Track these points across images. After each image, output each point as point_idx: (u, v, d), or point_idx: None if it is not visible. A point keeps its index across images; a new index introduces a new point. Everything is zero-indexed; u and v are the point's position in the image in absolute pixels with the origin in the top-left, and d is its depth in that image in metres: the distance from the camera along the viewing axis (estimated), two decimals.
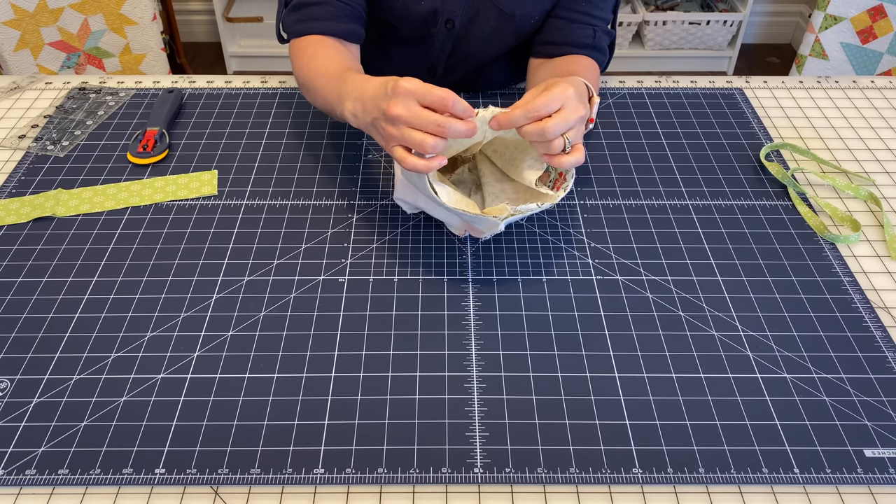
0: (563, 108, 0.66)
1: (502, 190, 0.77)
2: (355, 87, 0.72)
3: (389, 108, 0.65)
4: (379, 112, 0.67)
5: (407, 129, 0.64)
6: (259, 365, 0.67)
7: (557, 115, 0.66)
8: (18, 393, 0.64)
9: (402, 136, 0.65)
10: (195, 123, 0.97)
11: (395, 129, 0.65)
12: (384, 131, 0.67)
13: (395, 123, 0.65)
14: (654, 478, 0.58)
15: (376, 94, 0.68)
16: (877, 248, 0.80)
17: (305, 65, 0.85)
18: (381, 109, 0.66)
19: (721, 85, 1.05)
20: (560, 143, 0.67)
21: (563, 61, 0.92)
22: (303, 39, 0.88)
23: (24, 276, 0.75)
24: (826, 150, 0.94)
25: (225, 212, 0.83)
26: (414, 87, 0.64)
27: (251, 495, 0.58)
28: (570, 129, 0.67)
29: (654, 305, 0.72)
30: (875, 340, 0.69)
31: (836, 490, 0.59)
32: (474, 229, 0.75)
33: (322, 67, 0.83)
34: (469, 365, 0.67)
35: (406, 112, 0.64)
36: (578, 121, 0.67)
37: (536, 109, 0.65)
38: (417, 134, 0.64)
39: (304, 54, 0.86)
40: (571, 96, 0.67)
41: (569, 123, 0.66)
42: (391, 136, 0.66)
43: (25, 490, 0.58)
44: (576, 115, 0.67)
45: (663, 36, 2.49)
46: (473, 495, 0.58)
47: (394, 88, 0.65)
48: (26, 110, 0.99)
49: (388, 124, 0.66)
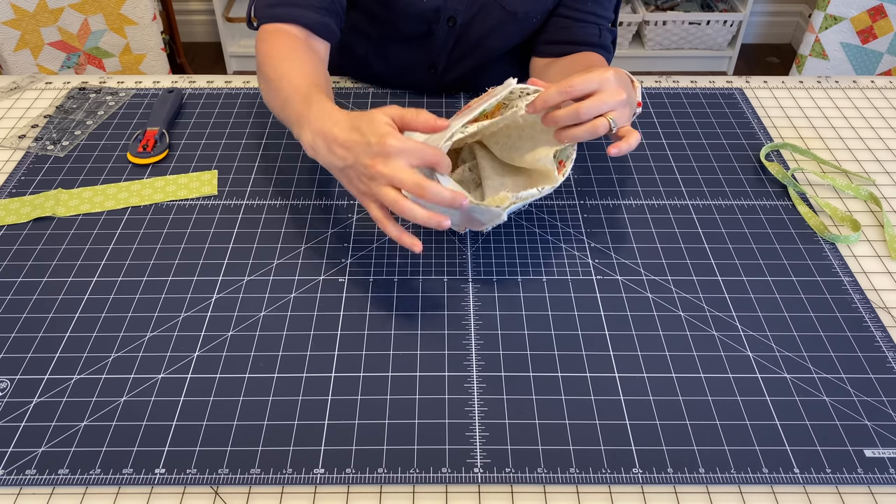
0: (599, 91, 0.65)
1: (502, 184, 0.77)
2: (318, 118, 0.67)
3: (373, 167, 0.61)
4: (355, 165, 0.63)
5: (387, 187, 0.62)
6: (259, 365, 0.67)
7: (594, 97, 0.65)
8: (18, 393, 0.64)
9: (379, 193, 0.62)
10: (195, 123, 0.97)
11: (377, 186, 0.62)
12: (359, 185, 0.64)
13: (375, 180, 0.62)
14: (654, 478, 0.58)
15: (351, 140, 0.63)
16: (877, 248, 0.80)
17: (272, 65, 0.78)
18: (360, 164, 0.63)
19: (721, 85, 1.05)
20: (603, 123, 0.66)
21: (574, 59, 0.91)
22: (275, 31, 0.82)
23: (24, 276, 0.75)
24: (826, 150, 0.94)
25: (225, 212, 0.83)
26: (401, 146, 0.61)
27: (251, 495, 0.58)
28: (611, 110, 0.66)
29: (654, 305, 0.72)
30: (875, 340, 0.69)
31: (836, 490, 0.59)
32: (475, 222, 0.74)
33: (291, 71, 0.76)
34: (469, 365, 0.67)
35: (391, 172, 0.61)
36: (618, 103, 0.67)
37: (572, 86, 0.64)
38: (392, 193, 0.62)
39: (274, 49, 0.79)
40: (610, 79, 0.66)
41: (606, 105, 0.65)
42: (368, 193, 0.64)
43: (25, 490, 0.58)
44: (614, 98, 0.66)
45: (663, 36, 2.49)
46: (473, 495, 0.58)
47: (380, 146, 0.61)
48: (26, 110, 0.99)
49: (367, 179, 0.63)
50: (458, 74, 1.03)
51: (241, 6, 2.49)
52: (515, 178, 0.77)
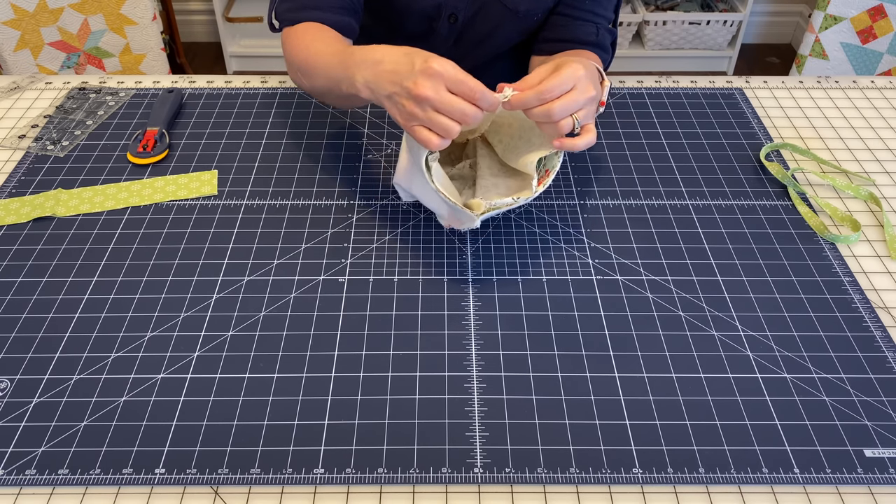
0: (572, 89, 0.65)
1: (494, 185, 0.77)
2: (367, 57, 0.69)
3: (417, 88, 0.63)
4: (401, 88, 0.64)
5: (433, 112, 0.63)
6: (259, 365, 0.67)
7: (565, 96, 0.65)
8: (18, 393, 0.64)
9: (426, 118, 0.63)
10: (195, 123, 0.97)
11: (420, 110, 0.63)
12: (405, 108, 0.65)
13: (421, 104, 0.63)
14: (654, 478, 0.58)
15: (398, 66, 0.65)
16: (877, 248, 0.80)
17: (304, 47, 0.81)
18: (406, 87, 0.64)
19: (721, 85, 1.05)
20: (568, 123, 0.66)
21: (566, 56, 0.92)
22: (298, 27, 0.85)
23: (24, 276, 0.75)
24: (826, 150, 0.94)
25: (225, 212, 0.83)
26: (444, 69, 0.62)
27: (251, 495, 0.58)
28: (580, 109, 0.66)
29: (654, 305, 0.72)
30: (875, 340, 0.69)
31: (836, 490, 0.59)
32: (456, 220, 0.74)
33: (323, 47, 0.79)
34: (469, 365, 0.67)
35: (435, 95, 0.62)
36: (588, 101, 0.67)
37: (549, 90, 0.65)
38: (443, 119, 0.63)
39: (302, 38, 0.83)
40: (582, 77, 0.66)
41: (577, 104, 0.66)
42: (413, 116, 0.64)
43: (25, 490, 0.58)
44: (584, 96, 0.66)
45: (663, 36, 2.49)
46: (473, 495, 0.58)
47: (424, 67, 0.63)
48: (26, 110, 0.99)
49: (412, 103, 0.64)
50: None
51: (241, 6, 2.49)
52: (508, 181, 0.77)
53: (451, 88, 0.63)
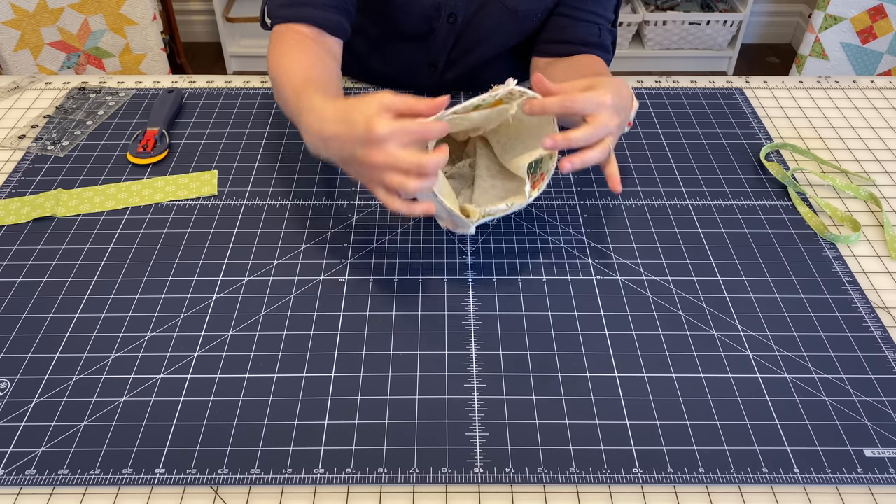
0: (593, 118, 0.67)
1: (492, 186, 0.77)
2: (309, 118, 0.69)
3: (368, 157, 0.62)
4: (351, 157, 0.65)
5: (391, 172, 0.62)
6: (259, 365, 0.67)
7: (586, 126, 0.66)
8: (18, 393, 0.64)
9: (384, 181, 0.63)
10: (195, 123, 0.97)
11: (377, 174, 0.63)
12: (361, 173, 0.66)
13: (374, 170, 0.63)
14: (654, 478, 0.58)
15: (340, 132, 0.64)
16: (877, 248, 0.80)
17: (275, 63, 0.80)
18: (356, 157, 0.64)
19: (721, 85, 1.05)
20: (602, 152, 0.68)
21: (577, 61, 0.91)
22: (285, 31, 0.84)
23: (24, 276, 0.75)
24: (826, 150, 0.94)
25: (225, 212, 0.83)
26: (390, 130, 0.61)
27: (251, 495, 0.58)
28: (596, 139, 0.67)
29: (654, 305, 0.72)
30: (875, 340, 0.69)
31: (836, 490, 0.59)
32: (452, 224, 0.74)
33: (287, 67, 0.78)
34: (469, 365, 0.67)
35: (386, 160, 0.62)
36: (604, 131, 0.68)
37: (574, 103, 0.66)
38: (397, 177, 0.62)
39: (278, 48, 0.82)
40: (608, 105, 0.67)
41: (592, 138, 0.67)
42: (370, 179, 0.65)
43: (25, 490, 0.58)
44: (603, 130, 0.67)
45: (663, 36, 2.49)
46: (473, 495, 0.58)
47: (368, 136, 0.62)
48: (26, 110, 0.99)
49: (366, 169, 0.64)
50: (458, 73, 1.03)
51: (241, 6, 2.49)
52: (506, 182, 0.77)
53: (402, 142, 0.62)
